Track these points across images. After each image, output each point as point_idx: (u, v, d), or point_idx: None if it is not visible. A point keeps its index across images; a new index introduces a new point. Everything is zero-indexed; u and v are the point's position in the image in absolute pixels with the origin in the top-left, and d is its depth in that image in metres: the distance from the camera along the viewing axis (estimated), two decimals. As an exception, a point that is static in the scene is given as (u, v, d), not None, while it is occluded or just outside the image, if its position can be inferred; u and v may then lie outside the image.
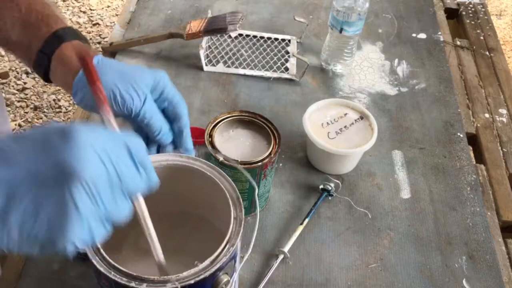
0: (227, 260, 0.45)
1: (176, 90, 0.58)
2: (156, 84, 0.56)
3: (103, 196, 0.36)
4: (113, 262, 0.44)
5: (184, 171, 0.53)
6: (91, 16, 2.39)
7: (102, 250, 0.44)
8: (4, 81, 2.04)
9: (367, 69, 0.97)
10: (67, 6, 2.44)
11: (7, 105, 1.92)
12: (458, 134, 0.86)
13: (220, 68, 0.94)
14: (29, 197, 0.34)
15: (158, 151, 0.59)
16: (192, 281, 0.43)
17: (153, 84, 0.56)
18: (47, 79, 0.59)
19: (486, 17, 1.16)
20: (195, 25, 0.92)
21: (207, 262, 0.44)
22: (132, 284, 0.42)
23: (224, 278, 0.46)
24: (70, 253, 0.36)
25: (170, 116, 0.58)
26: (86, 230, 0.35)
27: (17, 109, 1.94)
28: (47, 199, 0.34)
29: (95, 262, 0.44)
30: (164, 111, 0.58)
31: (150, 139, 0.57)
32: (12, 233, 0.34)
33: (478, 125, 0.90)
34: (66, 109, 1.97)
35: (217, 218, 0.56)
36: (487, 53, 1.06)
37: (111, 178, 0.36)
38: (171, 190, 0.56)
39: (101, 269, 0.43)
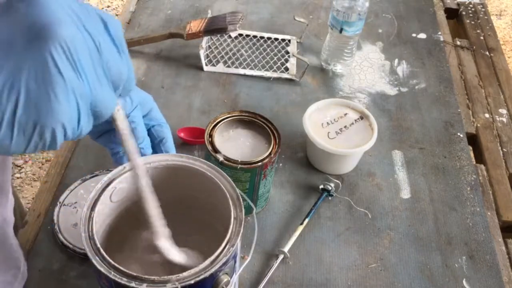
0: (227, 261, 0.45)
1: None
2: (145, 102, 0.57)
3: (84, 65, 0.32)
4: (113, 262, 0.43)
5: (184, 171, 0.53)
6: (91, 16, 2.39)
7: (102, 250, 0.44)
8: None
9: (367, 69, 0.97)
10: (67, 6, 2.44)
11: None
12: (458, 134, 0.86)
13: (220, 68, 0.94)
14: (5, 72, 0.30)
15: None
16: (192, 281, 0.43)
17: (142, 100, 0.56)
18: None
19: (486, 17, 1.16)
20: (195, 25, 0.92)
21: (207, 262, 0.44)
22: (132, 284, 0.42)
23: (224, 278, 0.46)
24: (59, 140, 0.33)
25: (156, 137, 0.58)
26: (74, 110, 0.33)
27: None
28: (25, 71, 0.31)
29: (95, 262, 0.44)
30: (149, 132, 0.58)
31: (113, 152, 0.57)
32: None
33: (478, 125, 0.90)
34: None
35: (217, 218, 0.56)
36: (487, 53, 1.06)
37: (89, 46, 0.33)
38: (171, 190, 0.56)
39: (101, 269, 0.43)
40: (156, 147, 0.59)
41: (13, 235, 0.62)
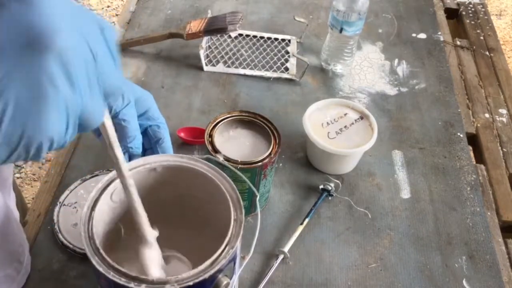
0: (226, 262, 0.45)
1: (161, 114, 0.58)
2: (142, 101, 0.56)
3: (79, 77, 0.31)
4: (112, 263, 0.43)
5: (184, 171, 0.53)
6: (91, 16, 2.39)
7: (101, 250, 0.44)
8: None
9: (367, 69, 0.97)
10: (67, 6, 2.44)
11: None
12: (458, 134, 0.86)
13: (220, 68, 0.94)
14: None
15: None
16: (191, 283, 0.43)
17: (139, 98, 0.56)
18: None
19: (486, 17, 1.16)
20: (195, 25, 0.92)
21: (206, 263, 0.44)
22: (131, 284, 0.42)
23: (224, 280, 0.46)
24: (44, 152, 0.32)
25: (153, 137, 0.58)
26: (63, 123, 0.31)
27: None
28: (17, 80, 0.28)
29: (94, 262, 0.44)
30: (146, 131, 0.58)
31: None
32: None
33: (478, 125, 0.90)
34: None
35: (217, 219, 0.56)
36: (487, 53, 1.06)
37: (85, 56, 0.31)
38: (172, 190, 0.56)
39: (100, 269, 0.43)
40: (153, 147, 0.59)
41: (19, 229, 0.61)
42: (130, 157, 0.57)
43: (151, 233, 0.48)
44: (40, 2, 0.29)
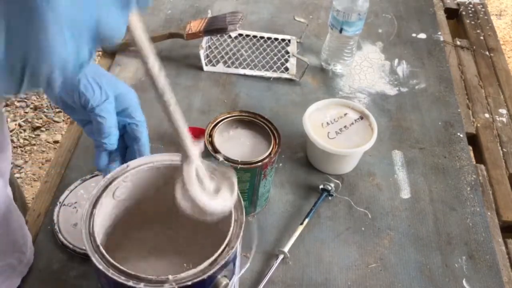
0: (226, 263, 0.45)
1: (142, 113, 0.58)
2: (123, 98, 0.56)
3: None
4: (111, 260, 0.43)
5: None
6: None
7: (101, 248, 0.44)
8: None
9: (367, 69, 0.97)
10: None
11: (7, 105, 1.93)
12: (458, 134, 0.86)
13: (220, 68, 0.94)
14: None
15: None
16: (189, 283, 0.43)
17: (119, 94, 0.56)
18: None
19: (486, 17, 1.16)
20: (195, 25, 0.92)
21: (205, 264, 0.44)
22: (130, 283, 0.42)
23: (223, 281, 0.46)
24: (58, 80, 0.28)
25: (130, 135, 0.58)
26: (70, 41, 0.26)
27: (17, 109, 1.94)
28: None
29: (94, 260, 0.44)
30: (126, 130, 0.58)
31: (95, 144, 0.56)
32: None
33: (478, 125, 0.90)
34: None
35: (218, 220, 0.56)
36: (487, 53, 1.06)
37: None
38: (173, 190, 0.55)
39: (100, 266, 0.43)
40: (130, 145, 0.58)
41: (21, 219, 0.61)
42: (105, 153, 0.57)
43: (193, 149, 0.43)
44: None
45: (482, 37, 1.10)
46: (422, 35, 1.06)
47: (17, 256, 0.60)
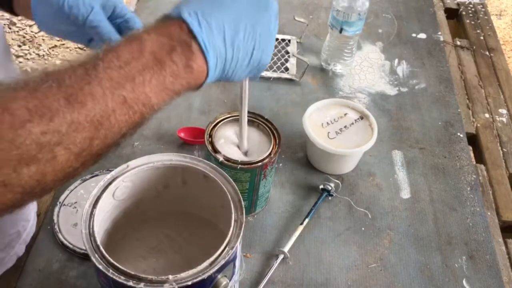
0: (226, 263, 0.45)
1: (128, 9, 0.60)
2: (107, 2, 0.57)
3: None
4: (111, 260, 0.43)
5: (187, 171, 0.53)
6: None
7: (101, 248, 0.44)
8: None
9: (367, 69, 0.97)
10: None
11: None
12: (458, 134, 0.86)
13: (220, 68, 0.94)
14: (247, 22, 0.45)
15: None
16: (189, 283, 0.43)
17: (102, 2, 0.57)
18: (13, 12, 0.60)
19: (486, 17, 1.16)
20: (195, 25, 0.92)
21: (205, 263, 0.44)
22: (130, 283, 0.42)
23: (223, 281, 0.46)
24: (266, 65, 0.49)
25: (127, 32, 0.59)
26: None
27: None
28: (258, 25, 0.47)
29: (94, 260, 0.44)
30: (119, 29, 0.58)
31: None
32: (241, 54, 0.45)
33: (478, 125, 0.90)
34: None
35: (219, 220, 0.56)
36: (487, 53, 1.06)
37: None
38: (174, 190, 0.56)
39: (100, 266, 0.43)
40: None
41: None
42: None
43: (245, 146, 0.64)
44: None
45: (482, 37, 1.10)
46: (422, 35, 1.06)
47: (23, 224, 0.64)
